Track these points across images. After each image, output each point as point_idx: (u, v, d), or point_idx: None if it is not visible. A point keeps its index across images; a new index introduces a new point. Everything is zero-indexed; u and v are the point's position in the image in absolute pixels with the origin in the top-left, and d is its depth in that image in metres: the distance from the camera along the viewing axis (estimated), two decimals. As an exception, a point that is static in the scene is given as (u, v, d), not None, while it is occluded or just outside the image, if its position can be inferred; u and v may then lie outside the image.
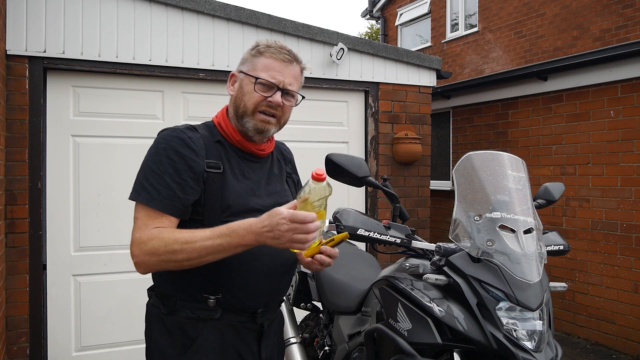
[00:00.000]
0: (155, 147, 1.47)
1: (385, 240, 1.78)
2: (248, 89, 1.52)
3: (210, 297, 1.47)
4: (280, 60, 1.53)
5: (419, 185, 4.77)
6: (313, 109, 4.34)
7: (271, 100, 1.51)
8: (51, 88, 3.57)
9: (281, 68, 1.53)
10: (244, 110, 1.53)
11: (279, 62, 1.53)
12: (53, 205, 3.55)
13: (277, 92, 1.52)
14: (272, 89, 1.52)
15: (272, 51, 1.53)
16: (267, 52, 1.53)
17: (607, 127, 4.65)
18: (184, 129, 1.50)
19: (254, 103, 1.51)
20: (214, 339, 1.49)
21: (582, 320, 4.87)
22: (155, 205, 1.41)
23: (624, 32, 6.61)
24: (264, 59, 1.53)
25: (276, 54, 1.53)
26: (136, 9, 3.69)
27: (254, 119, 1.52)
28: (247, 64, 1.56)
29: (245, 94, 1.53)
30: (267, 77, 1.51)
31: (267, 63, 1.52)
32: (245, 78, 1.54)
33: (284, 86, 1.53)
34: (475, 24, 9.18)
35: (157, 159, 1.45)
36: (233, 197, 1.48)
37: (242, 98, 1.53)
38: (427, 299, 1.69)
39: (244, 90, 1.54)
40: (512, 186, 1.75)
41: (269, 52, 1.53)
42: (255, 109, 1.52)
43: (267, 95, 1.51)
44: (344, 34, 4.42)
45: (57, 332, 3.56)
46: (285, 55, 1.54)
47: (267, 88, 1.52)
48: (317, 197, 1.31)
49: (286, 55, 1.54)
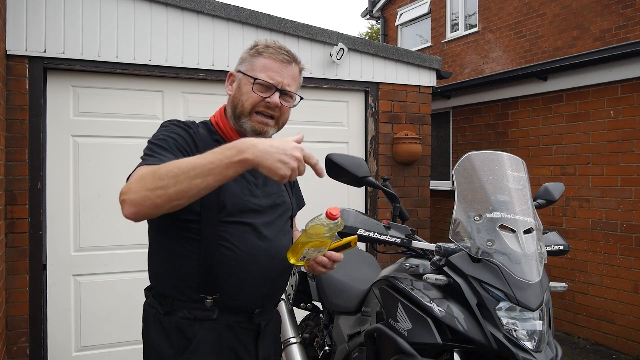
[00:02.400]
0: (158, 130, 1.47)
1: (385, 240, 1.78)
2: (246, 89, 1.52)
3: (207, 297, 1.47)
4: (279, 60, 1.53)
5: (419, 185, 4.77)
6: (313, 109, 4.34)
7: (269, 101, 1.51)
8: (51, 88, 3.57)
9: (280, 69, 1.52)
10: (242, 111, 1.53)
11: (278, 62, 1.52)
12: (53, 205, 3.55)
13: (275, 92, 1.52)
14: (270, 89, 1.51)
15: (270, 51, 1.53)
16: (266, 53, 1.53)
17: (607, 127, 4.65)
18: (184, 121, 1.52)
19: (252, 103, 1.51)
20: (211, 339, 1.48)
21: (582, 320, 4.87)
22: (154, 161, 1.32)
23: (624, 32, 6.61)
24: (262, 59, 1.53)
25: (275, 55, 1.53)
26: (136, 9, 3.69)
27: (251, 120, 1.52)
28: (245, 64, 1.56)
29: (243, 94, 1.53)
30: (266, 77, 1.51)
31: (265, 63, 1.52)
32: (244, 78, 1.53)
33: (283, 87, 1.52)
34: (475, 24, 9.18)
35: (157, 137, 1.43)
36: (230, 196, 1.47)
37: (240, 98, 1.53)
38: (427, 299, 1.69)
39: (242, 90, 1.53)
40: (512, 186, 1.75)
41: (268, 53, 1.53)
42: (252, 110, 1.52)
43: (265, 96, 1.51)
44: (344, 34, 4.42)
45: (57, 332, 3.57)
46: (284, 55, 1.54)
47: (266, 89, 1.51)
48: (327, 233, 1.31)
49: (285, 56, 1.54)
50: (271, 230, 1.55)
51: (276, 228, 1.58)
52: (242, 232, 1.48)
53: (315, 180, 4.69)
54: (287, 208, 1.67)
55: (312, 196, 4.11)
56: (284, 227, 1.63)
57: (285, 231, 1.64)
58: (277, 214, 1.61)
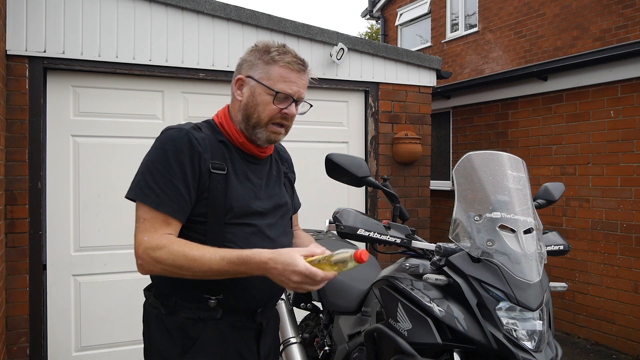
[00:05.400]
0: (162, 148, 1.44)
1: (385, 240, 1.78)
2: (263, 100, 1.50)
3: (211, 297, 1.47)
4: (296, 71, 1.51)
5: (419, 185, 4.77)
6: (313, 109, 4.27)
7: (286, 112, 1.51)
8: (51, 88, 3.57)
9: (297, 79, 1.51)
10: (257, 122, 1.51)
11: (295, 72, 1.51)
12: (53, 205, 3.55)
13: (292, 103, 1.52)
14: (287, 100, 1.51)
15: (287, 60, 1.50)
16: (282, 62, 1.50)
17: (607, 127, 4.65)
18: (190, 129, 1.48)
19: (269, 115, 1.50)
20: (215, 339, 1.49)
21: (582, 320, 4.87)
22: (166, 209, 1.40)
23: (624, 32, 6.61)
24: (278, 68, 1.50)
25: (292, 65, 1.50)
26: (136, 9, 3.69)
27: (267, 131, 1.52)
28: (258, 71, 1.52)
29: (259, 104, 1.51)
30: (286, 88, 1.49)
31: (282, 73, 1.50)
32: (259, 87, 1.51)
33: (299, 97, 1.53)
34: (475, 24, 9.18)
35: (165, 161, 1.43)
36: (236, 199, 1.48)
37: (256, 108, 1.51)
38: (427, 299, 1.69)
39: (258, 100, 1.51)
40: (512, 186, 1.75)
41: (284, 62, 1.50)
42: (270, 121, 1.51)
43: (282, 107, 1.51)
44: (344, 34, 4.42)
45: (57, 332, 3.56)
46: (299, 65, 1.52)
47: (283, 99, 1.51)
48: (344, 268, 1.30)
49: (301, 66, 1.52)
50: (274, 231, 1.57)
51: (279, 229, 1.60)
52: (247, 233, 1.50)
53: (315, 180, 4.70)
54: (288, 209, 1.69)
55: (312, 196, 4.13)
56: (285, 228, 1.66)
57: (287, 231, 1.67)
58: (279, 215, 1.62)
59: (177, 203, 1.41)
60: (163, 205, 1.40)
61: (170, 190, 1.40)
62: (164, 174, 1.41)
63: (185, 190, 1.42)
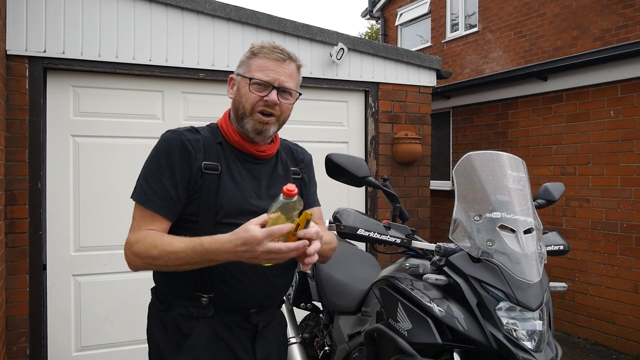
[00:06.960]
0: (156, 150, 1.52)
1: (385, 240, 1.78)
2: (244, 91, 1.54)
3: (203, 295, 1.50)
4: (274, 59, 1.54)
5: (419, 185, 4.77)
6: (313, 109, 4.34)
7: (267, 99, 1.52)
8: (51, 88, 3.57)
9: (275, 66, 1.54)
10: (243, 112, 1.55)
11: (273, 61, 1.54)
12: (53, 205, 3.55)
13: (272, 90, 1.53)
14: (267, 88, 1.53)
15: (265, 51, 1.55)
16: (261, 53, 1.55)
17: (607, 127, 4.65)
18: (184, 131, 1.54)
19: (251, 104, 1.53)
20: (207, 336, 1.51)
21: (582, 320, 4.87)
22: (150, 206, 1.46)
23: (624, 32, 6.61)
24: (257, 59, 1.55)
25: (269, 54, 1.55)
26: (136, 9, 3.69)
27: (253, 119, 1.54)
28: (243, 67, 1.59)
29: (242, 95, 1.55)
30: (262, 76, 1.52)
31: (260, 63, 1.54)
32: (242, 80, 1.56)
33: (280, 84, 1.54)
34: (475, 24, 9.18)
35: (157, 162, 1.49)
36: (228, 198, 1.49)
37: (240, 100, 1.56)
38: (427, 299, 1.69)
39: (241, 92, 1.56)
40: (512, 186, 1.75)
41: (263, 53, 1.55)
42: (253, 110, 1.53)
43: (263, 95, 1.52)
44: (344, 34, 4.42)
45: (57, 332, 3.56)
46: (278, 54, 1.55)
47: (263, 88, 1.53)
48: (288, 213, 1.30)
49: (279, 54, 1.55)
50: None
51: None
52: None
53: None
54: None
55: (312, 196, 4.13)
56: None
57: None
58: None
59: (163, 200, 1.45)
60: (149, 202, 1.46)
61: (158, 188, 1.46)
62: (154, 173, 1.48)
63: (172, 189, 1.46)
